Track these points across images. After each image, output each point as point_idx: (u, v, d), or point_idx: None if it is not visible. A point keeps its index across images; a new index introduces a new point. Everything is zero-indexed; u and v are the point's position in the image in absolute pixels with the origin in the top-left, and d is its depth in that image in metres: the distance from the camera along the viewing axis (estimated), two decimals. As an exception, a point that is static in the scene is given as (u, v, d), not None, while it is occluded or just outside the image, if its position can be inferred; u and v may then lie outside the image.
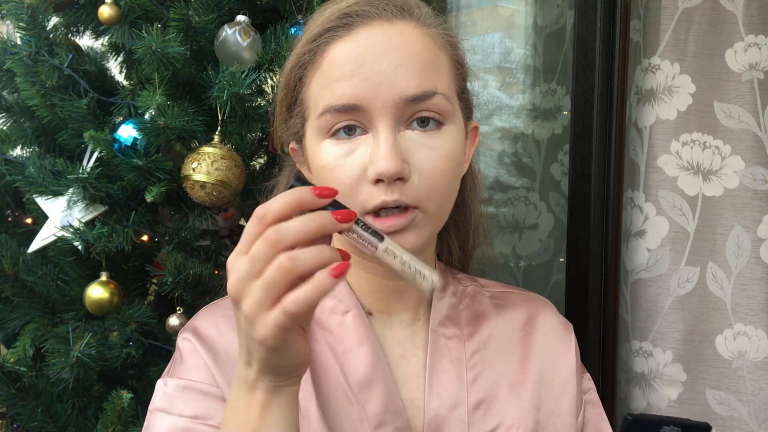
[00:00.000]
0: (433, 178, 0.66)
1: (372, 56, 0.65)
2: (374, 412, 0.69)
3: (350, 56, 0.65)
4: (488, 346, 0.77)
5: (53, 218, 1.09)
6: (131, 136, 1.02)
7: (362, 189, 0.64)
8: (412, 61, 0.65)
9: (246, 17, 1.06)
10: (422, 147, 0.66)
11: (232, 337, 0.71)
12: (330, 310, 0.74)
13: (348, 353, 0.71)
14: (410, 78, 0.65)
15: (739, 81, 1.20)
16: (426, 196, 0.66)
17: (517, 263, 1.55)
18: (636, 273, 1.24)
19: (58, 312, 1.13)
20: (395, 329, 0.75)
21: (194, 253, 1.09)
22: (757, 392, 1.18)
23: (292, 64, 0.72)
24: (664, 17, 1.22)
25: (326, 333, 0.73)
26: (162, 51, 0.98)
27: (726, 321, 1.20)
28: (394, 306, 0.76)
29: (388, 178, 0.63)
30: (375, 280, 0.75)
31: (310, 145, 0.69)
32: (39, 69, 1.09)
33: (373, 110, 0.64)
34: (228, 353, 0.70)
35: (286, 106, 0.74)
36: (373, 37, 0.66)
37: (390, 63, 0.64)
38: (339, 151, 0.65)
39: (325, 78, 0.66)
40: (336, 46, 0.66)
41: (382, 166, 0.62)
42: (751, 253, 1.19)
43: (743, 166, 1.19)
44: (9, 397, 1.05)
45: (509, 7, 1.60)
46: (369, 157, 0.64)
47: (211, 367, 0.69)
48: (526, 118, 1.53)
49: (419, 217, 0.66)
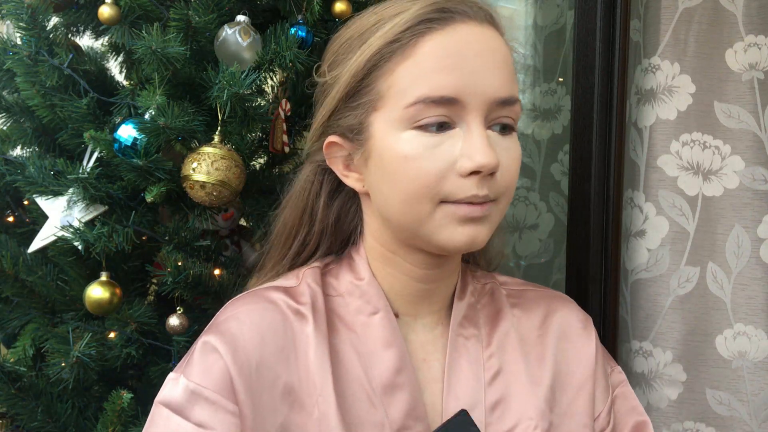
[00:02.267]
0: (511, 177, 0.69)
1: (472, 53, 0.66)
2: (397, 417, 0.69)
3: (451, 50, 0.66)
4: (506, 346, 0.77)
5: (53, 218, 1.09)
6: (131, 136, 1.02)
7: (449, 180, 0.65)
8: (504, 65, 0.68)
9: (246, 17, 1.06)
10: (501, 147, 0.68)
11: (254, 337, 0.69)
12: (356, 310, 0.74)
13: (372, 355, 0.71)
14: (503, 81, 0.68)
15: (739, 81, 1.20)
16: (503, 193, 0.69)
17: (517, 263, 1.55)
18: (636, 273, 1.24)
19: (58, 312, 1.13)
20: (419, 332, 0.76)
21: (194, 253, 1.09)
22: (757, 392, 1.18)
23: (371, 52, 0.69)
24: (664, 17, 1.22)
25: (351, 333, 0.72)
26: (162, 51, 0.98)
27: (726, 321, 1.20)
28: (421, 309, 0.76)
29: (487, 171, 0.65)
30: (408, 282, 0.75)
31: (383, 134, 0.68)
32: (39, 69, 1.09)
33: (468, 105, 0.66)
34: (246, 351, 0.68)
35: (345, 96, 0.71)
36: (471, 34, 0.67)
37: (486, 63, 0.67)
38: (427, 141, 0.66)
39: (419, 68, 0.66)
40: (432, 39, 0.66)
41: (482, 160, 0.64)
42: (751, 253, 1.19)
43: (743, 166, 1.19)
44: (9, 397, 1.05)
45: (509, 7, 1.60)
46: (461, 151, 0.65)
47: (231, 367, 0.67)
48: (526, 118, 1.53)
49: (494, 212, 0.69)
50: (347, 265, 0.77)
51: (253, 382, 0.67)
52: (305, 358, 0.69)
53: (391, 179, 0.67)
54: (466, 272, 0.82)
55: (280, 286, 0.75)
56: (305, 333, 0.70)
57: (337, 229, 0.79)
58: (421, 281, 0.75)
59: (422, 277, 0.74)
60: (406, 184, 0.66)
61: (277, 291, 0.74)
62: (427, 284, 0.75)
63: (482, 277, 0.83)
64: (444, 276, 0.76)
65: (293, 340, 0.70)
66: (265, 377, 0.67)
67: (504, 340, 0.77)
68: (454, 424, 0.67)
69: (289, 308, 0.72)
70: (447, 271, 0.76)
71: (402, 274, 0.74)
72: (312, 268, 0.77)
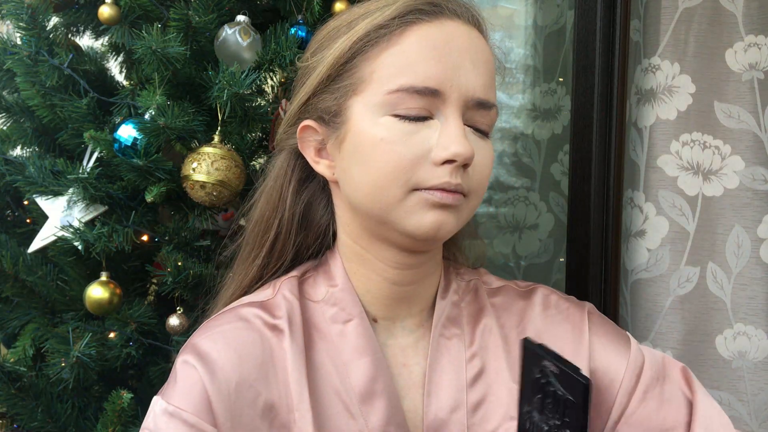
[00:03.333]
0: (483, 175, 0.69)
1: (458, 48, 0.67)
2: (377, 425, 0.68)
3: (437, 42, 0.67)
4: (488, 344, 0.75)
5: (53, 218, 1.09)
6: (131, 136, 1.02)
7: (422, 167, 0.66)
8: (486, 68, 0.69)
9: (246, 17, 1.06)
10: (476, 145, 0.69)
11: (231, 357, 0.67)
12: (332, 318, 0.72)
13: (348, 364, 0.70)
14: (484, 84, 0.68)
15: (739, 81, 1.20)
16: (474, 190, 0.69)
17: (517, 263, 1.55)
18: (636, 273, 1.24)
19: (58, 312, 1.13)
20: (398, 337, 0.74)
21: (194, 253, 1.09)
22: (757, 392, 1.18)
23: (357, 36, 0.69)
24: (664, 17, 1.22)
25: (327, 344, 0.71)
26: (162, 51, 0.98)
27: (726, 321, 1.20)
28: (400, 312, 0.75)
29: (462, 160, 0.65)
30: (384, 284, 0.73)
31: (361, 118, 0.68)
32: (39, 69, 1.09)
33: (449, 98, 0.66)
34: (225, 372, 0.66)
35: (327, 78, 0.71)
36: (458, 31, 0.68)
37: (470, 61, 0.67)
38: (404, 128, 0.66)
39: (404, 56, 0.66)
40: (421, 28, 0.67)
41: (459, 149, 0.65)
42: (751, 253, 1.19)
43: (743, 166, 1.19)
44: (9, 397, 1.05)
45: (509, 7, 1.60)
46: (437, 141, 0.66)
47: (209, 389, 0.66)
48: (526, 118, 1.53)
49: (464, 205, 0.68)
50: (323, 272, 0.76)
51: (232, 403, 0.66)
52: (284, 372, 0.68)
53: (363, 162, 0.67)
54: (449, 270, 0.80)
55: (255, 301, 0.73)
56: (282, 348, 0.69)
57: (307, 220, 0.77)
58: (397, 283, 0.73)
59: (397, 278, 0.73)
60: (379, 166, 0.66)
61: (252, 307, 0.72)
62: (403, 287, 0.74)
63: (466, 274, 0.82)
64: (420, 278, 0.75)
65: (271, 355, 0.69)
66: (245, 396, 0.67)
67: (487, 338, 0.76)
68: (526, 360, 0.64)
69: (265, 324, 0.70)
70: (423, 272, 0.75)
71: (376, 275, 0.73)
72: (290, 278, 0.75)
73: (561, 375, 0.59)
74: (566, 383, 0.58)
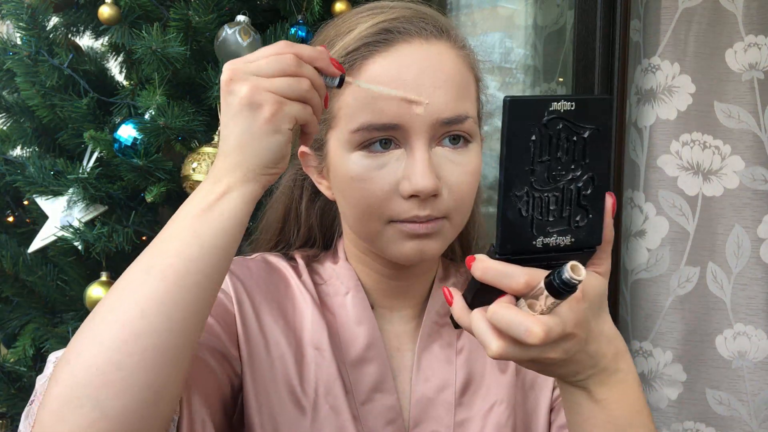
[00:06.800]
0: (462, 192, 0.68)
1: (413, 75, 0.65)
2: (363, 390, 0.71)
3: (391, 74, 0.65)
4: None
5: (53, 218, 1.09)
6: (131, 136, 1.02)
7: (393, 202, 0.66)
8: (450, 83, 0.67)
9: (246, 17, 1.06)
10: (452, 163, 0.67)
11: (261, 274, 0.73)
12: (334, 292, 0.76)
13: (346, 332, 0.73)
14: (447, 101, 0.66)
15: (739, 81, 1.20)
16: (454, 209, 0.68)
17: (517, 263, 1.55)
18: (636, 273, 1.25)
19: (58, 312, 1.13)
20: (395, 324, 0.77)
21: (194, 253, 1.09)
22: (757, 392, 1.18)
23: None
24: (664, 17, 1.22)
25: (331, 316, 0.74)
26: (162, 51, 0.98)
27: (726, 321, 1.20)
28: (397, 303, 0.77)
29: (425, 195, 0.65)
30: (379, 279, 0.76)
31: (335, 153, 0.69)
32: (39, 69, 1.09)
33: (411, 129, 0.65)
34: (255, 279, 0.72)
35: None
36: (413, 55, 0.67)
37: (430, 84, 0.66)
38: (371, 163, 0.66)
39: (362, 92, 0.66)
40: (375, 62, 0.66)
41: (420, 184, 0.64)
42: (751, 253, 1.19)
43: (743, 166, 1.19)
44: (9, 397, 1.06)
45: (509, 7, 1.60)
46: (403, 173, 0.66)
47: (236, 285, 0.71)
48: (526, 118, 1.53)
49: (446, 227, 0.68)
50: (331, 254, 0.80)
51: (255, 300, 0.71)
52: (301, 316, 0.74)
53: (344, 196, 0.70)
54: (448, 266, 0.82)
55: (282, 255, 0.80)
56: (303, 292, 0.75)
57: (322, 226, 0.82)
58: (394, 279, 0.76)
59: (395, 275, 0.76)
60: (355, 203, 0.68)
61: (279, 258, 0.78)
62: (401, 281, 0.76)
63: (467, 272, 0.83)
64: (418, 273, 0.77)
65: (293, 298, 0.75)
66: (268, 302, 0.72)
67: None
68: (513, 125, 0.48)
69: (293, 270, 0.77)
70: (420, 269, 0.77)
71: (375, 272, 0.76)
72: (301, 256, 0.80)
73: (577, 109, 0.48)
74: (585, 115, 0.48)
